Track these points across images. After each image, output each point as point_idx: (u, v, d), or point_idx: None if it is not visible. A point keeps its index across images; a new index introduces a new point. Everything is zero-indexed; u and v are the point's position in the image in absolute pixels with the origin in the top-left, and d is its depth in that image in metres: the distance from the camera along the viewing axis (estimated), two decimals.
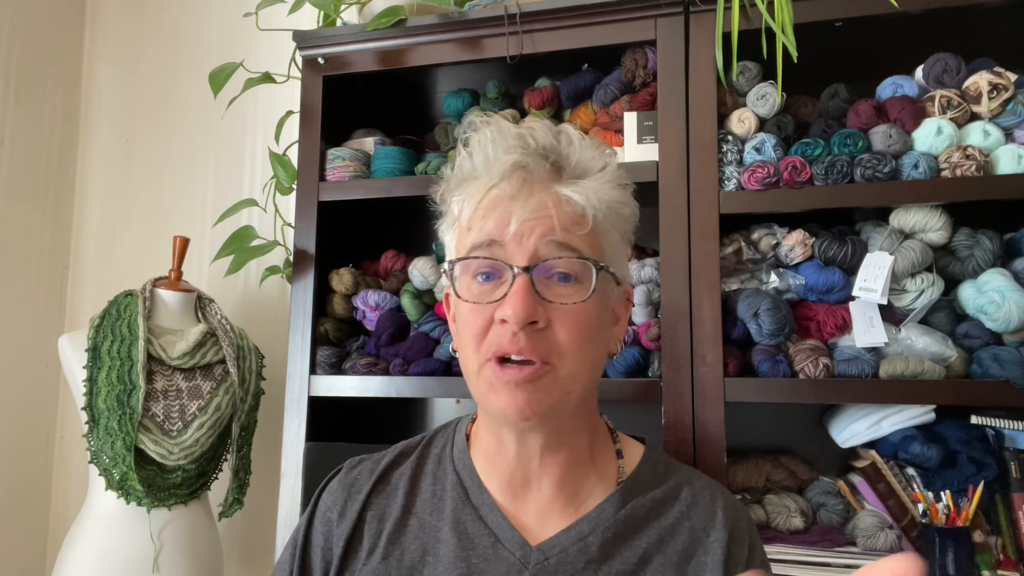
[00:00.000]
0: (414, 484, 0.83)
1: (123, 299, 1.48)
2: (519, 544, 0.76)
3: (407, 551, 0.78)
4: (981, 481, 1.10)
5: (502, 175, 0.74)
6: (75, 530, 1.45)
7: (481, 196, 0.75)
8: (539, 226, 0.72)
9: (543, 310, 0.71)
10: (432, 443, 0.87)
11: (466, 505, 0.79)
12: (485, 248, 0.73)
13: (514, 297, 0.70)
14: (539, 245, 0.72)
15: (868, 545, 1.11)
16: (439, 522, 0.79)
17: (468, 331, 0.74)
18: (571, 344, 0.72)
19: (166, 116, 2.01)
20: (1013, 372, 1.05)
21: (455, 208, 0.79)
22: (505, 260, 0.72)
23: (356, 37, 1.38)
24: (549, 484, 0.78)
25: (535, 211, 0.72)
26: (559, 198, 0.73)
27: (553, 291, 0.72)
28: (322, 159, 1.42)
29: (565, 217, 0.73)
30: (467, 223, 0.76)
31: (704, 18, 1.21)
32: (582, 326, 0.73)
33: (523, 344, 0.70)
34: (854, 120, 1.19)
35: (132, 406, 1.37)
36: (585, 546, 0.75)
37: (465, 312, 0.75)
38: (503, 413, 0.73)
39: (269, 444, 1.67)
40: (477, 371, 0.75)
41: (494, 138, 0.76)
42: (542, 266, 0.72)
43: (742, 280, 1.23)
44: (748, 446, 1.33)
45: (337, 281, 1.43)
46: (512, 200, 0.73)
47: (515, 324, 0.70)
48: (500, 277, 0.73)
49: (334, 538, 0.80)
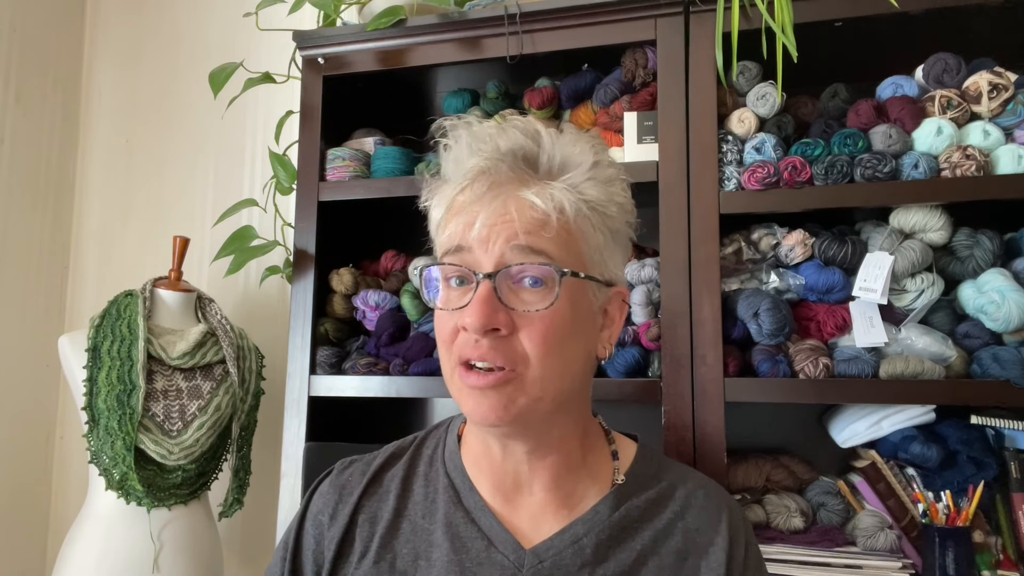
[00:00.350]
0: (406, 486, 0.82)
1: (123, 299, 1.48)
2: (513, 547, 0.75)
3: (399, 555, 0.77)
4: (981, 481, 1.10)
5: (468, 178, 0.73)
6: (75, 530, 1.45)
7: (450, 200, 0.75)
8: (504, 231, 0.70)
9: (506, 316, 0.70)
10: (424, 444, 0.86)
11: (458, 508, 0.78)
12: (454, 253, 0.73)
13: (474, 305, 0.69)
14: (505, 250, 0.70)
15: (868, 545, 1.11)
16: (431, 525, 0.78)
17: (441, 335, 0.74)
18: (537, 350, 0.70)
19: (166, 116, 2.01)
20: (1013, 372, 1.05)
21: (432, 213, 0.79)
22: (472, 266, 0.71)
23: (356, 37, 1.38)
24: (541, 488, 0.78)
25: (498, 215, 0.71)
26: (522, 202, 0.71)
27: (519, 297, 0.71)
28: (322, 159, 1.42)
29: (527, 221, 0.70)
30: (437, 227, 0.76)
31: (704, 18, 1.21)
32: (548, 332, 0.71)
33: (484, 351, 0.70)
34: (854, 120, 1.19)
35: (132, 406, 1.37)
36: (579, 548, 0.75)
37: (438, 317, 0.75)
38: (473, 418, 0.72)
39: (269, 444, 1.67)
40: (450, 376, 0.74)
41: (465, 141, 0.76)
42: (507, 272, 0.71)
43: (742, 280, 1.23)
44: (748, 446, 1.33)
45: (337, 281, 1.43)
46: (477, 203, 0.72)
47: (473, 331, 0.69)
48: (469, 283, 0.72)
49: (325, 541, 0.79)
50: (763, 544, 1.12)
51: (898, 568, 1.08)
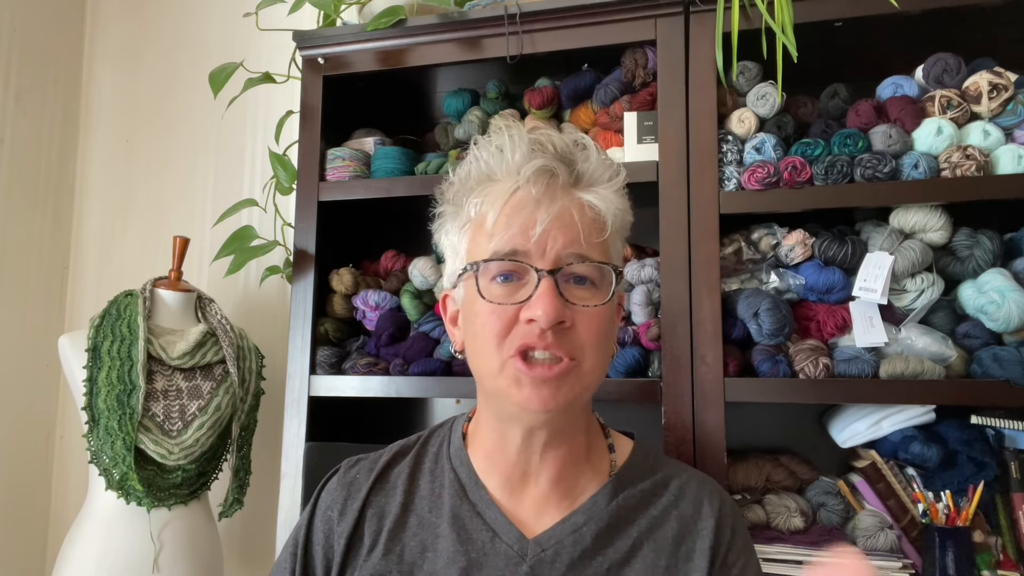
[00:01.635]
0: (412, 482, 0.85)
1: (123, 299, 1.48)
2: (516, 538, 0.79)
3: (407, 547, 0.80)
4: (981, 481, 1.10)
5: (528, 178, 0.75)
6: (75, 530, 1.44)
7: (505, 199, 0.76)
8: (562, 231, 0.75)
9: (568, 311, 0.74)
10: (429, 442, 0.90)
11: (464, 501, 0.82)
12: (509, 252, 0.75)
13: (543, 298, 0.73)
14: (561, 252, 0.75)
15: (868, 545, 1.11)
16: (437, 518, 0.81)
17: (488, 331, 0.75)
18: (593, 342, 0.75)
19: (166, 116, 2.01)
20: (1013, 372, 1.05)
21: (472, 209, 0.80)
22: (529, 263, 0.75)
23: (356, 37, 1.38)
24: (547, 480, 0.81)
25: (559, 216, 0.75)
26: (582, 204, 0.76)
27: (574, 294, 0.75)
28: (322, 159, 1.42)
29: (587, 223, 0.76)
30: (490, 226, 0.76)
31: (704, 18, 1.21)
32: (601, 326, 0.76)
33: (551, 341, 0.73)
34: (854, 120, 1.19)
35: (132, 406, 1.37)
36: (579, 537, 0.79)
37: (486, 312, 0.76)
38: (526, 406, 0.74)
39: (269, 444, 1.67)
40: (499, 368, 0.76)
41: (513, 142, 0.78)
42: (565, 270, 0.75)
43: (742, 280, 1.23)
44: (748, 446, 1.33)
45: (337, 281, 1.43)
46: (537, 204, 0.75)
47: (545, 323, 0.72)
48: (522, 279, 0.76)
49: (335, 536, 0.82)
50: (763, 544, 1.12)
51: (898, 568, 1.08)
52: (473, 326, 0.78)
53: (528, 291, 0.74)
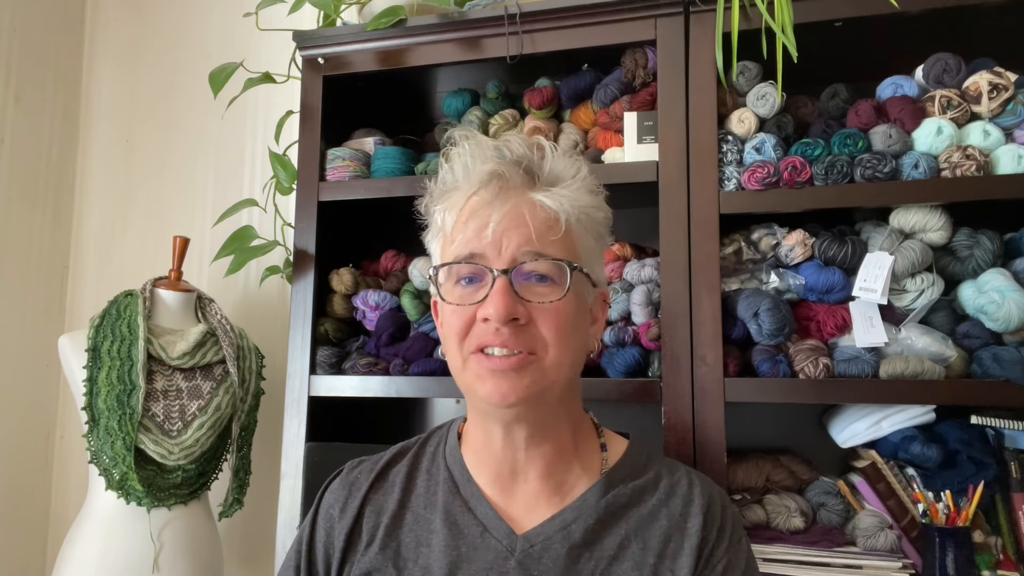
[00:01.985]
0: (409, 480, 0.88)
1: (123, 299, 1.48)
2: (506, 533, 0.81)
3: (403, 542, 0.83)
4: (981, 481, 1.10)
5: (480, 183, 0.80)
6: (75, 530, 1.45)
7: (462, 204, 0.81)
8: (515, 233, 0.77)
9: (523, 308, 0.77)
10: (427, 443, 0.93)
11: (456, 498, 0.85)
12: (467, 256, 0.79)
13: (495, 296, 0.76)
14: (516, 251, 0.77)
15: (868, 545, 1.11)
16: (432, 515, 0.84)
17: (451, 330, 0.80)
18: (553, 337, 0.78)
19: (166, 116, 2.01)
20: (1013, 372, 1.05)
21: (439, 218, 0.85)
22: (485, 265, 0.78)
23: (356, 37, 1.38)
24: (535, 476, 0.84)
25: (510, 216, 0.78)
26: (534, 204, 0.79)
27: (531, 291, 0.78)
28: (322, 159, 1.42)
29: (540, 223, 0.78)
30: (450, 232, 0.81)
31: (704, 18, 1.21)
32: (562, 321, 0.78)
33: (506, 338, 0.76)
34: (854, 120, 1.19)
35: (132, 406, 1.37)
36: (568, 533, 0.80)
37: (448, 313, 0.81)
38: (488, 400, 0.78)
39: (269, 444, 1.67)
40: (463, 365, 0.80)
41: (472, 151, 0.82)
42: (519, 269, 0.78)
43: (742, 280, 1.23)
44: (748, 446, 1.33)
45: (337, 281, 1.43)
46: (489, 207, 0.79)
47: (497, 321, 0.75)
48: (481, 280, 0.79)
49: (336, 532, 0.86)
50: (763, 544, 1.12)
51: (898, 568, 1.08)
52: (443, 328, 0.83)
53: (485, 291, 0.77)
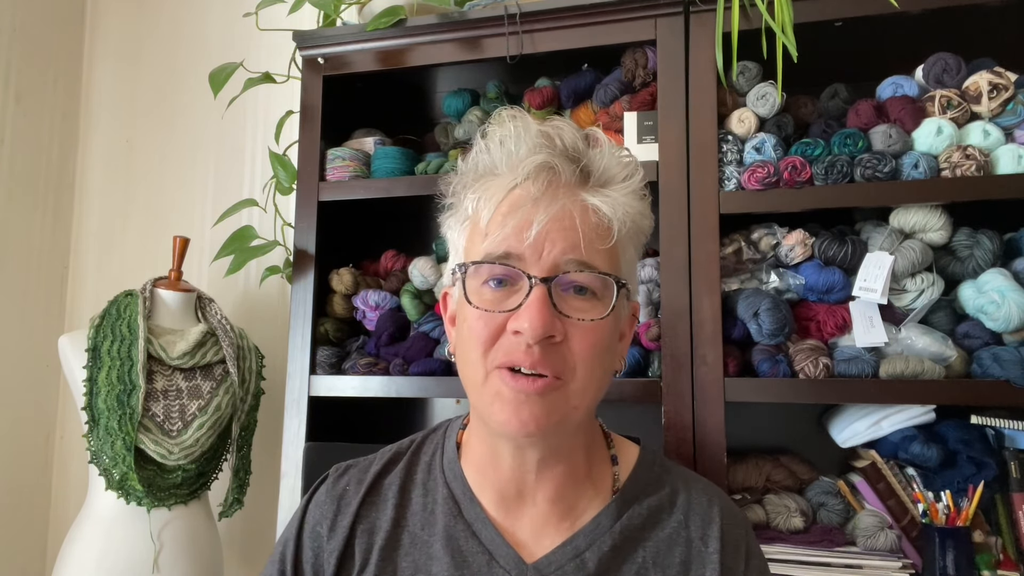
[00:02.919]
0: (404, 495, 0.79)
1: (123, 299, 1.48)
2: (514, 562, 0.73)
3: (399, 568, 0.75)
4: (981, 481, 1.10)
5: (527, 175, 0.69)
6: (75, 530, 1.44)
7: (502, 196, 0.70)
8: (560, 236, 0.68)
9: (560, 324, 0.68)
10: (421, 449, 0.83)
11: (458, 520, 0.76)
12: (501, 256, 0.69)
13: (531, 309, 0.66)
14: (558, 257, 0.68)
15: (868, 545, 1.11)
16: (431, 537, 0.76)
17: (474, 338, 0.70)
18: (586, 360, 0.68)
19: (166, 116, 2.01)
20: (1013, 372, 1.05)
21: (469, 205, 0.74)
22: (522, 268, 0.68)
23: (356, 37, 1.38)
24: (544, 499, 0.76)
25: (557, 218, 0.68)
26: (586, 207, 0.69)
27: (570, 305, 0.69)
28: (322, 159, 1.42)
29: (590, 228, 0.69)
30: (484, 225, 0.71)
31: (704, 18, 1.21)
32: (597, 343, 0.69)
33: (537, 358, 0.67)
34: (854, 120, 1.19)
35: (132, 406, 1.37)
36: (582, 563, 0.73)
37: (473, 318, 0.70)
38: (505, 428, 0.69)
39: (269, 444, 1.67)
40: (483, 379, 0.70)
41: (519, 134, 0.72)
42: (561, 278, 0.68)
43: (742, 280, 1.23)
44: (748, 446, 1.33)
45: (337, 281, 1.43)
46: (535, 204, 0.68)
47: (532, 338, 0.66)
48: (514, 284, 0.69)
49: (324, 554, 0.77)
50: (763, 544, 1.12)
51: (898, 568, 1.08)
52: (462, 332, 0.73)
53: (519, 299, 0.68)
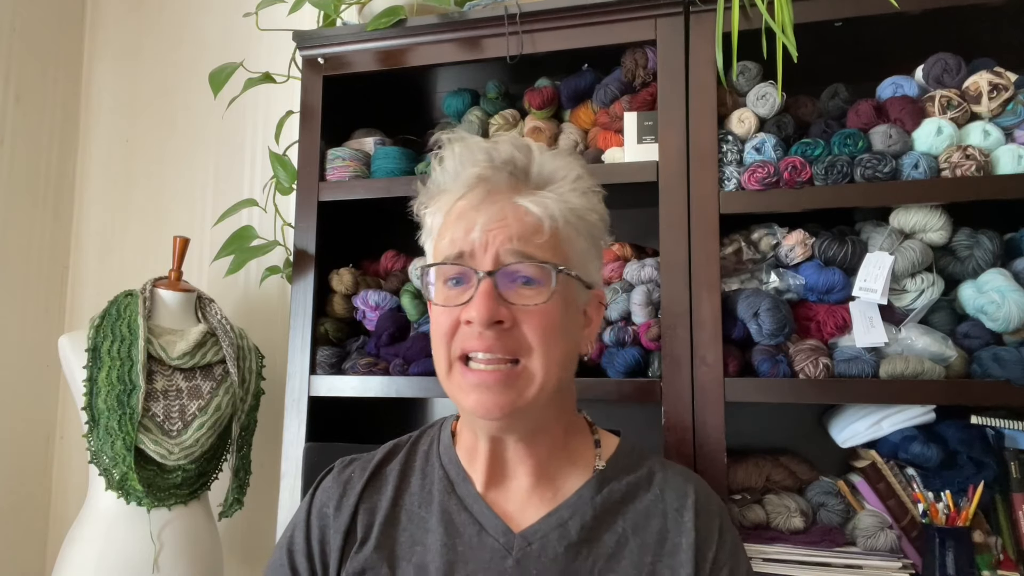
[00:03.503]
0: (403, 479, 0.88)
1: (123, 299, 1.48)
2: (502, 531, 0.81)
3: (398, 541, 0.83)
4: (981, 481, 1.10)
5: (467, 186, 0.80)
6: (75, 530, 1.45)
7: (449, 207, 0.81)
8: (500, 234, 0.77)
9: (508, 311, 0.76)
10: (419, 441, 0.93)
11: (452, 497, 0.84)
12: (455, 258, 0.78)
13: (478, 299, 0.75)
14: (500, 252, 0.77)
15: (868, 545, 1.11)
16: (427, 514, 0.84)
17: (438, 331, 0.80)
18: (538, 341, 0.77)
19: (166, 116, 2.01)
20: (1013, 372, 1.05)
21: (429, 219, 0.85)
22: (472, 266, 0.77)
23: (356, 37, 1.38)
24: (526, 473, 0.84)
25: (496, 220, 0.77)
26: (518, 207, 0.79)
27: (517, 294, 0.77)
28: (322, 159, 1.42)
29: (523, 226, 0.78)
30: (438, 233, 0.82)
31: (704, 18, 1.21)
32: (547, 324, 0.77)
33: (490, 342, 0.76)
34: (854, 120, 1.19)
35: (132, 406, 1.37)
36: (565, 531, 0.80)
37: (436, 314, 0.81)
38: (475, 413, 0.78)
39: (269, 444, 1.67)
40: (447, 371, 0.80)
41: (461, 153, 0.82)
42: (504, 271, 0.77)
43: (742, 280, 1.23)
44: (748, 446, 1.33)
45: (337, 281, 1.43)
46: (476, 210, 0.78)
47: (479, 324, 0.75)
48: (468, 282, 0.78)
49: (331, 532, 0.85)
50: (763, 544, 1.12)
51: (898, 568, 1.08)
52: (431, 329, 0.83)
53: (470, 293, 0.77)
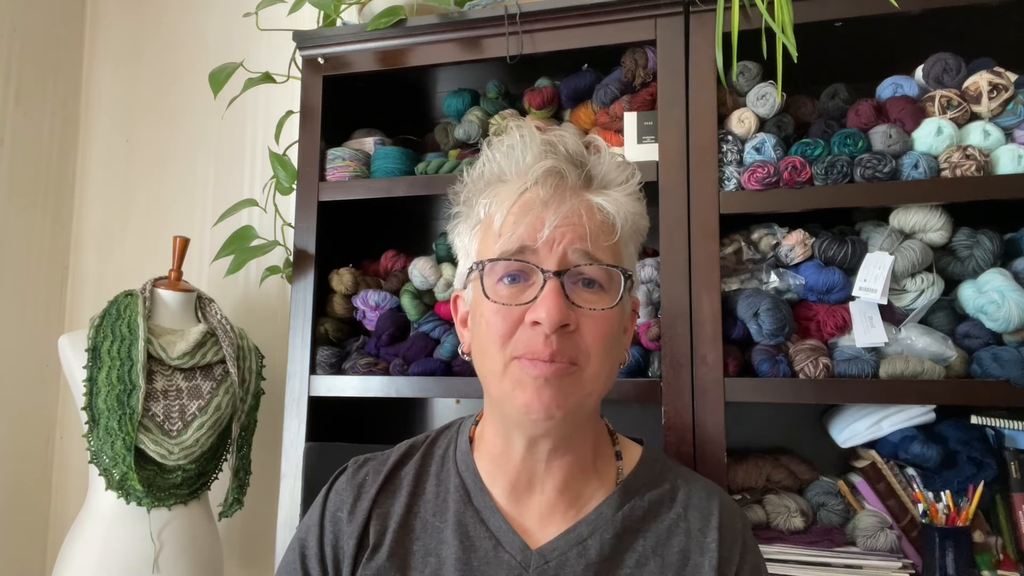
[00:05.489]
0: (418, 484, 0.84)
1: (123, 299, 1.48)
2: (520, 547, 0.77)
3: (411, 551, 0.79)
4: (981, 481, 1.10)
5: (536, 179, 0.75)
6: (75, 530, 1.45)
7: (514, 200, 0.76)
8: (569, 233, 0.74)
9: (573, 314, 0.73)
10: (436, 443, 0.88)
11: (468, 507, 0.80)
12: (516, 253, 0.74)
13: (547, 300, 0.71)
14: (568, 252, 0.74)
15: (868, 545, 1.11)
16: (442, 524, 0.80)
17: (493, 331, 0.75)
18: (598, 347, 0.74)
19: (166, 116, 2.01)
20: (1013, 372, 1.05)
21: (481, 210, 0.80)
22: (536, 264, 0.74)
23: (356, 37, 1.38)
24: (553, 488, 0.80)
25: (567, 217, 0.74)
26: (591, 206, 0.76)
27: (581, 296, 0.74)
28: (322, 159, 1.42)
29: (596, 226, 0.75)
30: (498, 227, 0.76)
31: (704, 18, 1.21)
32: (608, 331, 0.75)
33: (555, 347, 0.72)
34: (854, 120, 1.19)
35: (132, 406, 1.37)
36: (584, 549, 0.77)
37: (490, 313, 0.75)
38: (526, 410, 0.73)
39: (269, 444, 1.67)
40: (503, 369, 0.75)
41: (525, 142, 0.78)
42: (572, 271, 0.74)
43: (742, 280, 1.23)
44: (748, 446, 1.33)
45: (337, 281, 1.43)
46: (545, 205, 0.74)
47: (548, 327, 0.71)
48: (528, 280, 0.75)
49: (344, 537, 0.81)
50: (763, 544, 1.12)
51: (898, 568, 1.08)
52: (479, 327, 0.77)
53: (534, 292, 0.73)
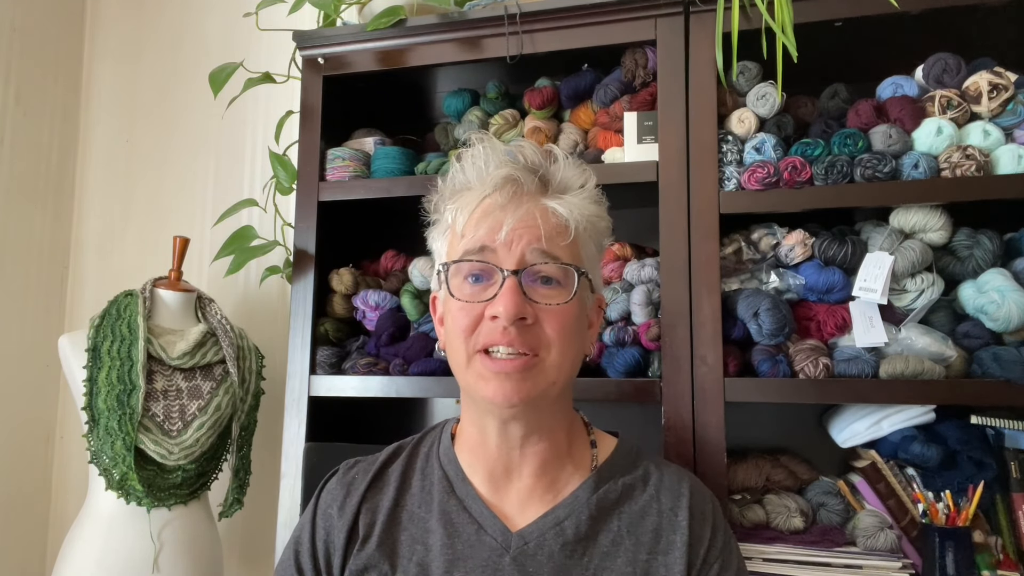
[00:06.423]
0: (404, 480, 0.90)
1: (123, 299, 1.48)
2: (500, 530, 0.83)
3: (399, 540, 0.85)
4: (981, 481, 1.10)
5: (495, 186, 0.82)
6: (75, 530, 1.45)
7: (475, 205, 0.83)
8: (526, 234, 0.80)
9: (530, 308, 0.79)
10: (421, 443, 0.95)
11: (451, 497, 0.86)
12: (477, 253, 0.81)
13: (505, 296, 0.78)
14: (526, 252, 0.80)
15: (868, 545, 1.11)
16: (427, 514, 0.86)
17: (458, 326, 0.81)
18: (556, 338, 0.80)
19: (166, 116, 2.01)
20: (1013, 372, 1.05)
21: (448, 216, 0.87)
22: (496, 264, 0.80)
23: (356, 37, 1.38)
24: (529, 474, 0.86)
25: (523, 220, 0.80)
26: (546, 209, 0.82)
27: (539, 293, 0.81)
28: (322, 159, 1.42)
29: (550, 227, 0.81)
30: (461, 230, 0.83)
31: (704, 18, 1.21)
32: (566, 323, 0.81)
33: (513, 337, 0.78)
34: (854, 120, 1.19)
35: (132, 406, 1.37)
36: (561, 530, 0.82)
37: (455, 309, 0.82)
38: (491, 401, 0.79)
39: (269, 444, 1.67)
40: (466, 363, 0.82)
41: (487, 154, 0.85)
42: (529, 270, 0.80)
43: (742, 280, 1.23)
44: (748, 446, 1.33)
45: (337, 281, 1.43)
46: (503, 210, 0.81)
47: (506, 319, 0.77)
48: (490, 279, 0.81)
49: (335, 532, 0.87)
50: (763, 544, 1.12)
51: (898, 568, 1.08)
52: (448, 324, 0.84)
53: (494, 290, 0.80)
